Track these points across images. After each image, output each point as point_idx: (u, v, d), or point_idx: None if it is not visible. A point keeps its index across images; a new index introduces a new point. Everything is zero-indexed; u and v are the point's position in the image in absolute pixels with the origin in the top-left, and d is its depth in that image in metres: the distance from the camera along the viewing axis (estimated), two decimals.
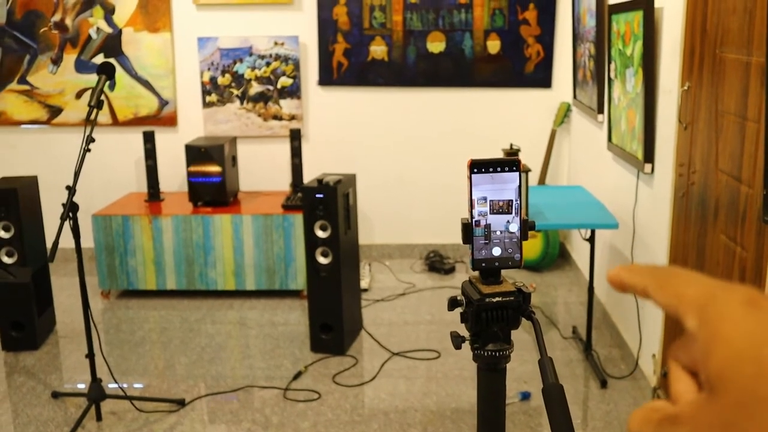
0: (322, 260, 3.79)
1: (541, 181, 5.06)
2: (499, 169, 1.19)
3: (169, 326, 4.29)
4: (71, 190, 3.05)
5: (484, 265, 1.22)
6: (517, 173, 1.20)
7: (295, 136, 4.80)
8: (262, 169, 5.27)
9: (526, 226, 1.23)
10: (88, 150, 3.07)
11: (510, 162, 1.19)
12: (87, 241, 4.85)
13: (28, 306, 3.94)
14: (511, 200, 1.21)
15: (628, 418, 0.43)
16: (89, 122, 3.07)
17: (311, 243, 3.77)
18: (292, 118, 5.22)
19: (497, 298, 1.21)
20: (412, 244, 5.40)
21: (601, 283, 4.10)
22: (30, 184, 4.07)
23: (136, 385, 3.58)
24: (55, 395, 3.45)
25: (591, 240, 3.62)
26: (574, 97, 4.85)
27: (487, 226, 1.21)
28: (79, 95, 5.25)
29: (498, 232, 1.22)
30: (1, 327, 3.95)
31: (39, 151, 5.33)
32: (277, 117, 5.23)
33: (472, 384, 3.53)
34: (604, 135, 4.12)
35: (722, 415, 0.36)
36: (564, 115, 5.07)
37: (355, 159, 5.23)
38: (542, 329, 1.22)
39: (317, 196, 3.71)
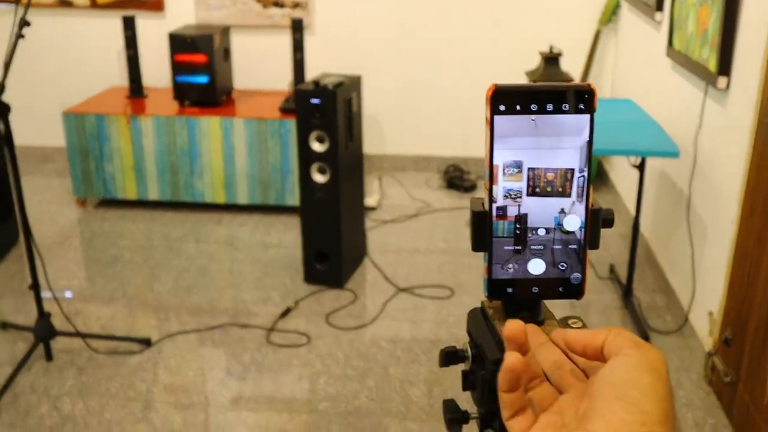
0: (319, 178, 3.21)
1: None
2: (550, 106, 0.58)
3: (147, 244, 3.78)
4: None
5: (511, 291, 0.63)
6: (588, 116, 0.59)
7: (298, 27, 4.11)
8: (259, 64, 4.61)
9: (598, 222, 0.63)
10: (21, 36, 2.46)
11: (575, 92, 0.58)
12: (60, 141, 4.32)
13: None
14: (572, 170, 0.60)
15: None
16: (22, 2, 2.45)
17: (306, 157, 3.18)
18: (296, 5, 4.52)
19: None
20: (430, 156, 4.78)
21: (647, 217, 3.49)
22: None
23: (100, 314, 3.09)
24: (4, 326, 2.98)
25: (641, 167, 2.99)
26: None
27: (521, 219, 0.61)
28: None
29: (542, 232, 0.62)
30: None
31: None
32: (279, 4, 4.52)
33: None
34: (662, 38, 3.40)
35: None
36: (612, 12, 4.33)
37: (367, 56, 4.55)
38: None
39: (313, 101, 3.09)
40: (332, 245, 3.27)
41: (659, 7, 3.47)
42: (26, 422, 2.47)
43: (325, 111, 3.09)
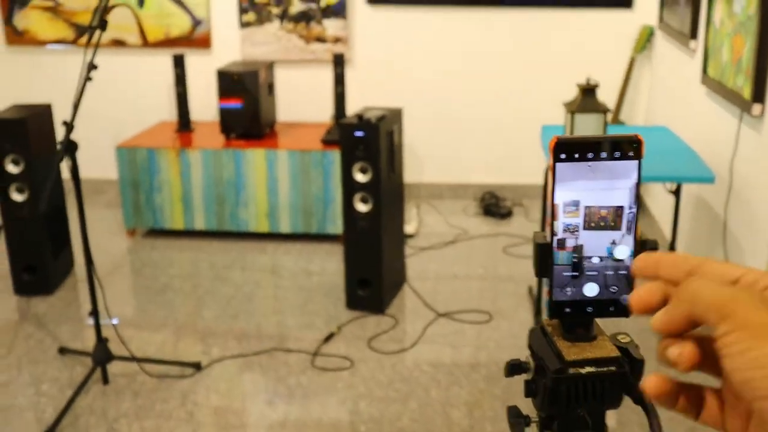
0: (362, 207, 3.33)
1: (615, 118, 4.44)
2: (604, 154, 0.68)
3: (195, 272, 3.92)
4: (68, 126, 2.62)
5: (568, 311, 0.73)
6: (636, 162, 0.69)
7: (339, 62, 4.27)
8: (302, 97, 4.77)
9: (644, 251, 0.72)
10: (89, 79, 2.63)
11: (627, 142, 0.68)
12: (112, 173, 4.50)
13: (41, 246, 3.60)
14: (622, 208, 0.70)
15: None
16: (91, 45, 2.62)
17: (349, 188, 3.30)
18: (337, 40, 4.68)
19: (588, 368, 0.73)
20: (466, 184, 4.88)
21: (683, 241, 3.55)
22: (42, 114, 3.67)
23: (152, 340, 3.22)
24: (62, 351, 3.12)
25: (677, 193, 3.06)
26: (660, 19, 4.18)
27: (578, 249, 0.71)
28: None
29: (596, 260, 0.72)
30: (13, 269, 3.62)
31: (64, 74, 4.92)
32: (321, 39, 4.69)
33: (527, 353, 3.06)
34: (697, 66, 3.49)
35: None
36: (646, 40, 4.41)
37: (406, 88, 4.69)
38: None
39: (357, 134, 3.21)
40: (374, 272, 3.38)
41: (693, 35, 3.55)
42: None
43: (368, 143, 3.21)
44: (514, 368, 0.77)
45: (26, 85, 4.94)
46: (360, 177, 3.28)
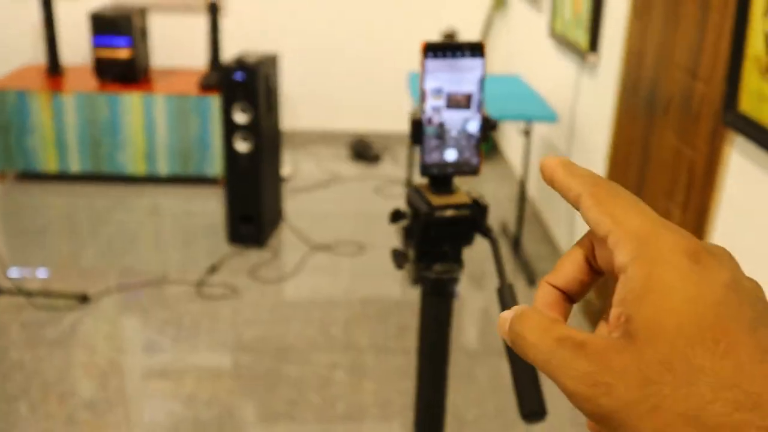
0: (242, 147, 3.50)
1: None
2: (459, 54, 0.96)
3: (74, 213, 3.97)
4: None
5: (435, 171, 1.01)
6: (481, 60, 0.97)
7: (213, 10, 4.37)
8: (176, 44, 4.83)
9: (488, 126, 1.01)
10: None
11: (472, 46, 0.96)
12: None
13: None
14: (472, 93, 0.98)
15: (513, 316, 0.38)
16: None
17: (229, 128, 3.47)
18: None
19: (450, 212, 1.00)
20: (338, 130, 5.13)
21: (533, 179, 3.97)
22: None
23: (37, 276, 3.29)
24: None
25: (527, 133, 3.44)
26: None
27: (441, 125, 0.99)
28: None
29: (454, 132, 0.99)
30: None
31: None
32: None
33: (397, 280, 3.39)
34: (545, 22, 3.88)
35: (639, 367, 0.32)
36: None
37: (279, 36, 4.85)
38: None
39: (236, 76, 3.38)
40: (254, 208, 3.58)
41: None
42: None
43: (247, 85, 3.39)
44: (396, 215, 1.04)
45: None
46: (240, 118, 3.45)
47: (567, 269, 0.40)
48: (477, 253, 3.42)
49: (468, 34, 4.76)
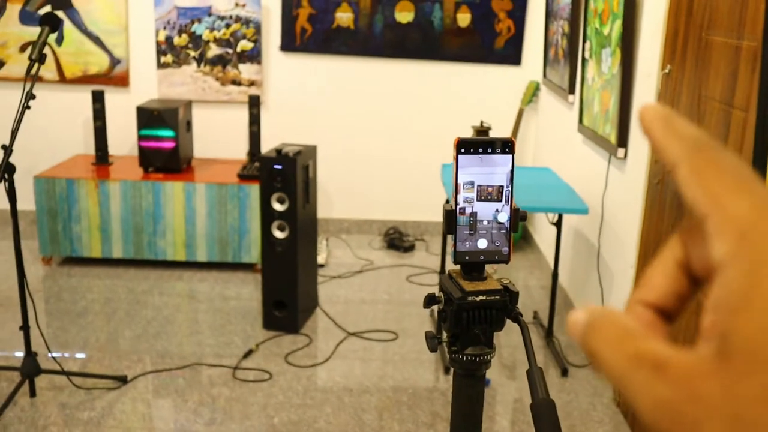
0: (279, 234, 3.61)
1: None
2: (489, 150, 1.04)
3: (114, 297, 4.08)
4: (7, 150, 2.81)
5: (467, 258, 1.08)
6: (510, 156, 1.05)
7: (254, 103, 4.59)
8: (218, 135, 5.04)
9: (517, 217, 1.08)
10: (28, 107, 2.83)
11: (503, 143, 1.04)
12: (29, 204, 4.59)
13: None
14: (502, 186, 1.06)
15: (586, 324, 0.32)
16: (30, 77, 2.83)
17: (267, 216, 3.59)
18: (252, 83, 5.00)
19: (481, 297, 1.07)
20: (371, 219, 5.25)
21: (565, 269, 4.01)
22: None
23: (77, 356, 3.38)
24: None
25: (558, 224, 3.51)
26: (544, 76, 4.72)
27: (473, 215, 1.06)
28: (23, 48, 4.94)
29: (485, 222, 1.07)
30: None
31: None
32: (236, 82, 5.00)
33: (430, 368, 3.41)
34: (574, 116, 4.00)
35: (731, 401, 0.25)
36: (532, 94, 4.95)
37: (316, 129, 5.04)
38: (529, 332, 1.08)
39: (275, 167, 3.52)
40: (289, 294, 3.65)
41: (572, 90, 4.07)
42: None
43: (286, 175, 3.52)
44: (431, 300, 1.10)
45: None
46: (278, 206, 3.57)
47: (658, 281, 0.34)
48: (508, 342, 3.45)
49: (500, 127, 4.90)
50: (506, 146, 1.04)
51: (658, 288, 0.33)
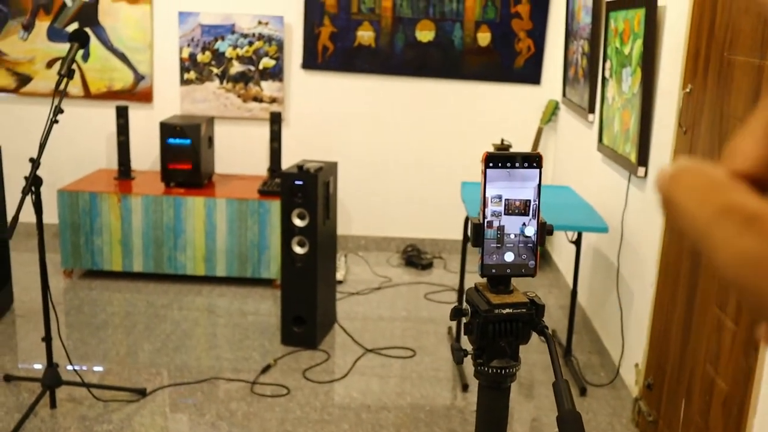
0: (299, 250, 3.63)
1: None
2: (518, 164, 1.05)
3: (134, 310, 4.11)
4: (35, 162, 2.86)
5: (494, 271, 1.09)
6: (538, 170, 1.06)
7: (275, 120, 4.63)
8: (239, 151, 5.09)
9: (544, 231, 1.09)
10: (56, 121, 2.88)
11: (530, 157, 1.06)
12: (51, 217, 4.64)
13: None
14: (529, 200, 1.07)
15: (675, 173, 0.30)
16: (58, 92, 2.88)
17: (288, 231, 3.61)
18: (273, 100, 5.05)
19: (507, 310, 1.08)
20: (390, 236, 5.26)
21: (584, 288, 3.99)
22: None
23: (96, 369, 3.40)
24: (8, 378, 3.26)
25: (577, 243, 3.51)
26: (564, 95, 4.74)
27: (501, 228, 1.07)
28: (50, 64, 5.02)
29: (512, 236, 1.08)
30: None
31: (4, 121, 5.09)
32: (258, 99, 5.05)
33: (447, 386, 3.40)
34: (594, 135, 4.01)
35: None
36: (552, 113, 4.96)
37: (336, 146, 5.07)
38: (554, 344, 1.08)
39: (296, 182, 3.55)
40: (308, 310, 3.67)
41: (591, 109, 4.08)
42: None
43: (307, 191, 3.55)
44: (457, 312, 1.11)
45: None
46: (298, 222, 3.60)
47: (749, 148, 0.31)
48: (526, 360, 3.43)
49: (519, 145, 4.91)
50: (534, 161, 1.06)
51: (750, 155, 0.31)
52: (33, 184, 2.86)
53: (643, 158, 3.17)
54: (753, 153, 0.30)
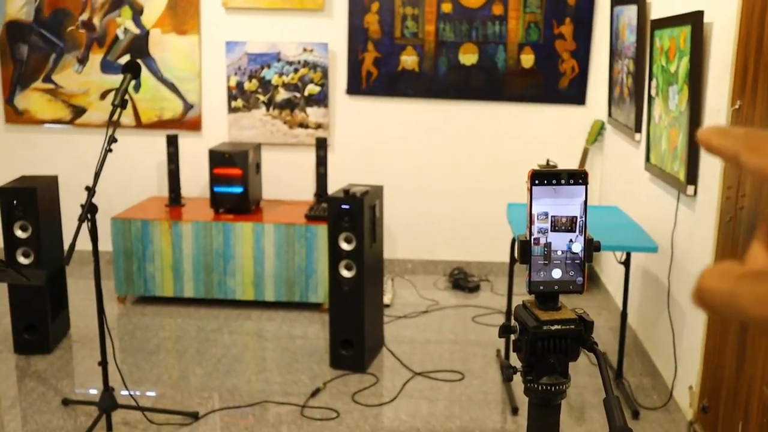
0: (346, 273, 3.66)
1: None
2: (563, 181, 1.06)
3: (185, 335, 4.18)
4: (90, 191, 2.95)
5: (542, 288, 1.09)
6: (584, 187, 1.07)
7: (321, 145, 4.69)
8: (286, 177, 5.16)
9: (591, 247, 1.09)
10: (110, 150, 2.97)
11: (576, 174, 1.06)
12: (105, 245, 4.75)
13: (42, 309, 3.85)
14: (576, 217, 1.08)
15: (699, 277, 0.37)
16: (112, 122, 2.97)
17: (335, 255, 3.65)
18: (319, 126, 5.12)
19: (556, 326, 1.08)
20: (436, 260, 5.26)
21: (633, 309, 3.94)
22: (50, 184, 3.99)
23: (149, 394, 3.47)
24: (66, 402, 3.34)
25: (626, 263, 3.46)
26: (609, 115, 4.71)
27: (548, 245, 1.08)
28: (103, 96, 5.18)
29: (559, 252, 1.08)
30: (15, 329, 3.85)
31: (61, 151, 5.26)
32: (303, 125, 5.12)
33: (497, 408, 3.38)
34: (641, 155, 3.97)
35: None
36: (597, 133, 4.92)
37: (381, 170, 5.11)
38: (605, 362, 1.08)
39: (343, 207, 3.59)
40: (356, 333, 3.68)
41: (638, 129, 4.05)
42: None
43: (353, 215, 3.58)
44: (505, 329, 1.12)
45: (24, 161, 5.25)
46: (345, 246, 3.63)
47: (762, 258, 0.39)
48: (576, 382, 3.40)
49: (565, 166, 4.88)
50: (579, 177, 1.06)
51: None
52: (89, 211, 2.95)
53: (692, 176, 3.13)
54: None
